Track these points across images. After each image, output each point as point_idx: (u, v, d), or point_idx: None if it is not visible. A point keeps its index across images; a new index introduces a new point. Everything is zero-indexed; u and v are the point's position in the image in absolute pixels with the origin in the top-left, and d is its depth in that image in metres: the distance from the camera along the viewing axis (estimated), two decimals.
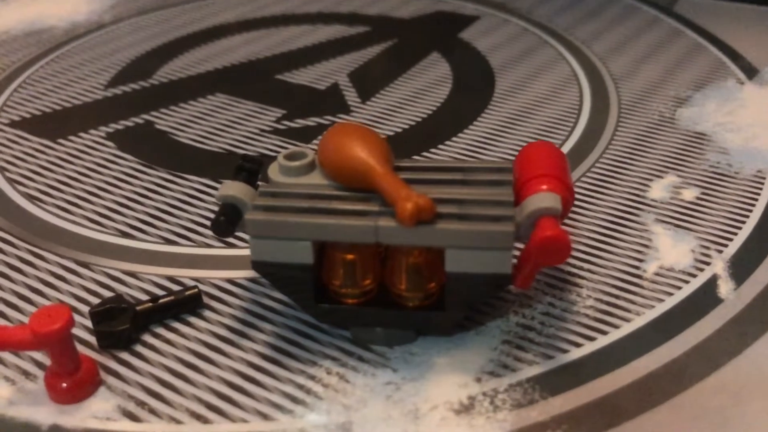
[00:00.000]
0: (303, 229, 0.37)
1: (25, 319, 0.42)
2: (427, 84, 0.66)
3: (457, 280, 0.37)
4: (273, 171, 0.40)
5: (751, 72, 0.65)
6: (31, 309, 0.43)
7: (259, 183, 0.40)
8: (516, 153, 0.56)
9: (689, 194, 0.50)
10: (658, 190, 0.51)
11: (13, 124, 0.61)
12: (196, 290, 0.42)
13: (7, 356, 0.40)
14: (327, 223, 0.36)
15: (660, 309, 0.41)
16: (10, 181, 0.54)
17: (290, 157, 0.40)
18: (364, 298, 0.39)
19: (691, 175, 0.52)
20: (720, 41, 0.71)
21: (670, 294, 0.42)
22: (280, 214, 0.37)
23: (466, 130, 0.59)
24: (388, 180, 0.36)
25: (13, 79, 0.68)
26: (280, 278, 0.38)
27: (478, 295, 0.37)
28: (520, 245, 0.37)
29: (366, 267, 0.38)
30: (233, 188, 0.39)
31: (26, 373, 0.39)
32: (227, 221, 0.38)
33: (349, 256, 0.38)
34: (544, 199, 0.37)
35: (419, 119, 0.60)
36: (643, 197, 0.50)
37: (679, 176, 0.52)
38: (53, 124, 0.61)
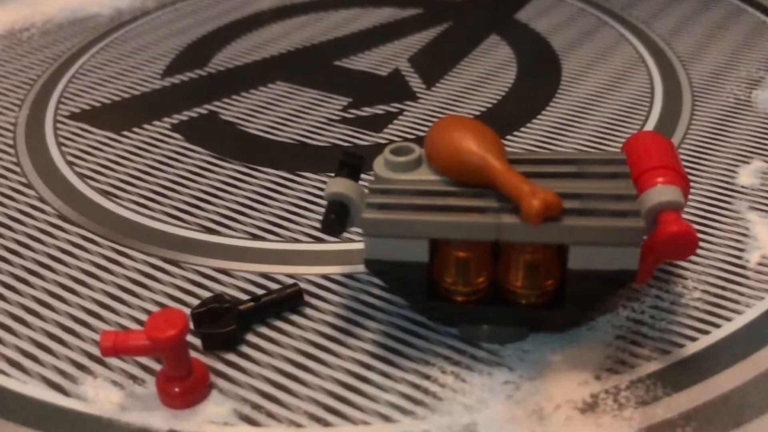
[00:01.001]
0: (421, 227, 0.36)
1: (121, 320, 0.41)
2: (492, 68, 0.64)
3: (580, 278, 0.36)
4: (378, 166, 0.39)
5: None
6: (125, 309, 0.42)
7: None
8: (594, 140, 0.55)
9: None
10: (746, 176, 0.50)
11: (73, 117, 0.60)
12: (297, 288, 0.41)
13: (113, 360, 0.39)
14: (446, 220, 0.35)
15: None
16: (81, 176, 0.53)
17: (396, 152, 0.39)
18: (475, 296, 0.38)
19: None
20: None
21: None
22: (396, 213, 0.36)
23: (539, 116, 0.58)
24: (508, 175, 0.35)
25: (66, 69, 0.67)
26: (393, 276, 0.37)
27: (601, 292, 0.37)
28: None
29: (480, 265, 0.38)
30: (340, 185, 0.38)
31: (134, 378, 0.38)
32: (338, 219, 0.37)
33: (463, 254, 0.37)
34: (664, 192, 0.36)
35: (489, 105, 0.59)
36: (732, 184, 0.49)
37: (766, 161, 0.51)
38: (115, 116, 0.60)
